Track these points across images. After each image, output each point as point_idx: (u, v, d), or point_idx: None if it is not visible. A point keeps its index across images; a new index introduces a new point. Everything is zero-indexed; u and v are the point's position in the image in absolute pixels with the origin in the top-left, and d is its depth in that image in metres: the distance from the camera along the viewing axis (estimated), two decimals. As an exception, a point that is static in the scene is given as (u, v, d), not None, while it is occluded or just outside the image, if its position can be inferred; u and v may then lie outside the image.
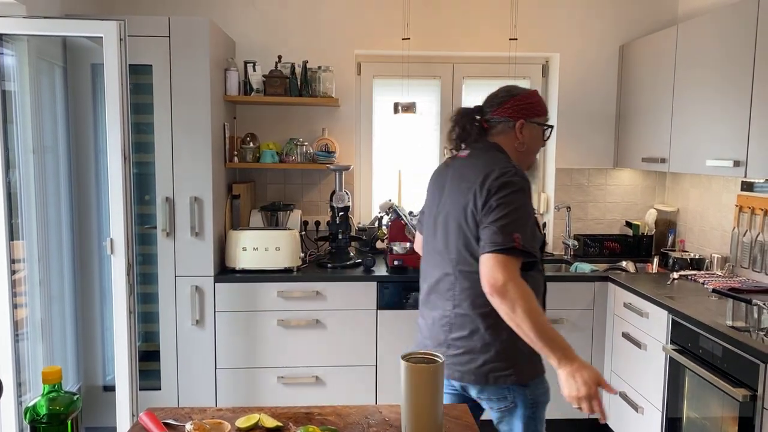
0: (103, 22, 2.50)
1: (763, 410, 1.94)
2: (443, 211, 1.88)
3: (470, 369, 1.80)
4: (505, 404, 1.83)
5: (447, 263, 1.84)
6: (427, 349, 1.87)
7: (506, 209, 1.70)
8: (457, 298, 1.81)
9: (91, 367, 3.19)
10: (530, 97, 1.93)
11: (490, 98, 1.98)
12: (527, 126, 1.90)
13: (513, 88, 1.96)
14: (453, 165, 1.94)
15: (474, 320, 1.79)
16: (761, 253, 2.78)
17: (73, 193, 3.08)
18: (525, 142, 1.90)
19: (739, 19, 2.49)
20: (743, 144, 2.45)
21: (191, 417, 1.50)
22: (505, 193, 1.71)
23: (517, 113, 1.90)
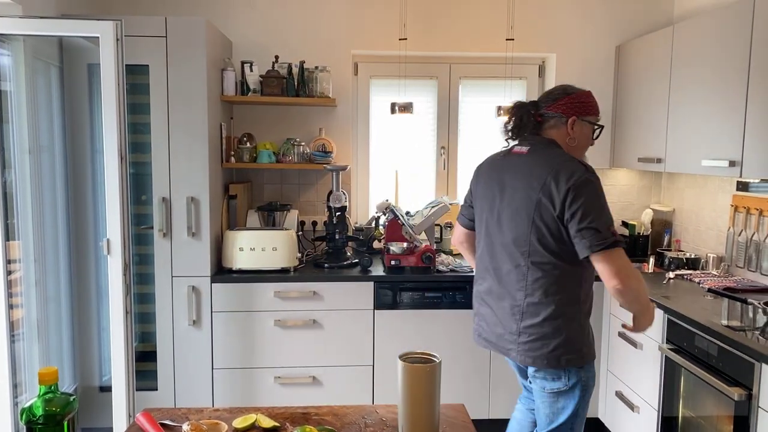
0: (100, 22, 2.49)
1: (759, 409, 1.95)
2: (510, 206, 1.98)
3: (543, 354, 1.94)
4: (559, 385, 1.98)
5: (518, 256, 1.96)
6: (497, 336, 2.05)
7: (595, 209, 1.84)
8: (529, 288, 1.95)
9: (87, 367, 3.19)
10: (584, 97, 2.05)
11: (546, 94, 2.09)
12: (578, 123, 2.03)
13: (569, 87, 2.08)
14: (512, 160, 2.05)
15: (546, 308, 1.93)
16: (756, 253, 2.79)
17: (70, 194, 3.08)
18: (576, 137, 2.03)
19: (734, 19, 2.50)
20: (739, 144, 2.46)
21: (188, 417, 1.50)
22: (588, 193, 1.85)
23: (570, 110, 2.02)
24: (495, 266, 2.05)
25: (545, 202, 1.89)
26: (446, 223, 3.53)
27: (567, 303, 1.93)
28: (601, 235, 1.82)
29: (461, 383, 3.12)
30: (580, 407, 2.01)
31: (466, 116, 3.75)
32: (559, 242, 1.90)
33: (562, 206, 1.86)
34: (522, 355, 1.98)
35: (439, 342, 3.07)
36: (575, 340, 1.95)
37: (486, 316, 2.10)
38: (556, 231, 1.89)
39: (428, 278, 3.06)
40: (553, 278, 1.92)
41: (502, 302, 2.02)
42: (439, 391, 1.38)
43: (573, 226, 1.85)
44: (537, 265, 1.93)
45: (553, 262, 1.91)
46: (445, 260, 3.24)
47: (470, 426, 1.49)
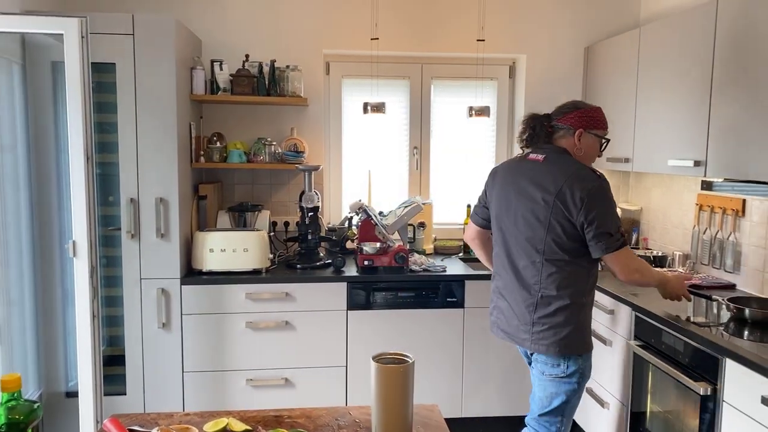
0: (64, 19, 2.43)
1: (723, 403, 2.00)
2: (527, 208, 2.18)
3: (554, 341, 2.15)
4: (557, 371, 2.18)
5: (534, 253, 2.17)
6: (514, 328, 2.24)
7: (608, 215, 2.10)
8: (544, 282, 2.15)
9: (52, 372, 3.11)
10: (592, 112, 2.24)
11: (559, 108, 2.29)
12: (585, 135, 2.22)
13: (579, 103, 2.28)
14: (528, 165, 2.24)
15: (558, 300, 2.14)
16: (720, 251, 2.86)
17: (33, 194, 3.00)
18: (582, 148, 2.23)
19: (698, 22, 2.55)
20: (703, 144, 2.52)
21: (157, 423, 1.47)
22: (600, 201, 2.09)
23: (578, 123, 2.22)
24: (512, 263, 2.24)
25: (560, 206, 2.10)
26: (419, 222, 3.54)
27: (576, 295, 2.14)
28: (613, 238, 2.08)
29: (435, 383, 3.13)
30: (573, 396, 2.20)
31: (438, 116, 3.77)
32: (572, 241, 2.12)
33: (578, 212, 2.08)
34: (536, 344, 2.18)
35: (413, 342, 3.08)
36: (582, 329, 2.17)
37: (503, 309, 2.29)
38: (570, 232, 2.11)
39: (401, 278, 3.06)
40: (565, 273, 2.13)
41: (518, 296, 2.22)
42: (413, 391, 1.39)
43: (590, 232, 2.09)
44: (551, 261, 2.14)
45: (566, 259, 2.13)
46: (418, 260, 3.25)
47: (443, 426, 1.50)
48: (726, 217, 2.84)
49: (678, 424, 2.28)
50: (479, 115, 3.44)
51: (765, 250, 2.63)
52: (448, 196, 3.82)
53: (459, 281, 3.08)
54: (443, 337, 3.11)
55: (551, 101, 3.58)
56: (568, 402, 2.21)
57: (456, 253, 3.61)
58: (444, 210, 3.81)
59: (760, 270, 2.65)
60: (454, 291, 3.08)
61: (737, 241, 2.78)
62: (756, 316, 2.23)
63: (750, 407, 1.87)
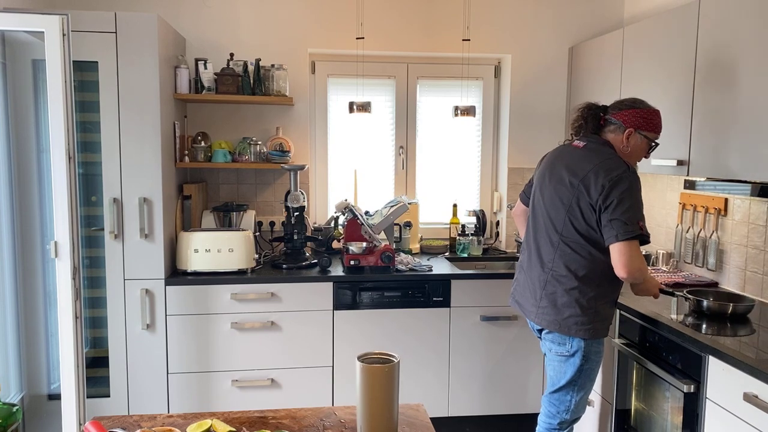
0: (45, 17, 2.40)
1: (706, 400, 2.02)
2: (555, 189, 2.25)
3: (556, 319, 2.23)
4: (562, 350, 2.26)
5: (553, 233, 2.25)
6: (525, 300, 2.36)
7: (628, 203, 2.08)
8: (556, 262, 2.23)
9: (35, 374, 3.06)
10: (648, 114, 2.23)
11: (617, 102, 2.31)
12: (634, 135, 2.23)
13: (638, 102, 2.27)
14: (568, 150, 2.32)
15: (566, 281, 2.21)
16: (703, 249, 2.89)
17: (14, 194, 2.95)
18: (630, 146, 2.24)
19: (681, 22, 2.58)
20: (686, 144, 2.54)
21: (140, 425, 1.46)
22: (622, 189, 2.08)
23: (630, 122, 2.22)
24: (535, 240, 2.34)
25: (584, 190, 2.15)
26: (405, 222, 3.54)
27: (585, 280, 2.19)
28: (628, 227, 2.06)
29: (421, 382, 3.13)
30: (579, 376, 2.26)
31: (424, 116, 3.77)
32: (589, 226, 2.17)
33: (598, 196, 2.11)
34: (539, 318, 2.28)
35: (399, 341, 3.08)
36: (587, 315, 2.20)
37: (521, 281, 2.42)
38: (589, 216, 2.15)
39: (388, 278, 3.06)
40: (577, 257, 2.19)
41: (533, 271, 2.32)
42: (398, 391, 1.38)
43: (605, 216, 2.10)
44: (567, 243, 2.21)
45: (581, 243, 2.18)
46: (405, 259, 3.24)
47: (429, 425, 1.49)
48: (709, 215, 2.87)
49: (662, 422, 2.30)
50: (465, 115, 3.45)
51: (747, 249, 2.66)
52: (434, 196, 3.82)
53: (445, 281, 3.09)
54: (429, 336, 3.11)
55: (536, 101, 3.65)
56: (575, 382, 2.27)
57: (442, 253, 3.61)
58: (430, 209, 3.81)
59: (742, 268, 2.68)
60: (440, 290, 3.09)
61: (720, 240, 2.81)
62: (712, 308, 2.35)
63: (732, 404, 1.89)
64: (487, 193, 3.85)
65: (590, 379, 2.30)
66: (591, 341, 2.23)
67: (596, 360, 2.28)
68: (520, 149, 3.66)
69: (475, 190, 3.85)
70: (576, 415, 2.35)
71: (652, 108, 2.26)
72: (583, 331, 2.20)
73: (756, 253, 2.61)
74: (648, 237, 2.09)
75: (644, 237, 2.08)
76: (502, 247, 3.77)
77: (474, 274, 3.13)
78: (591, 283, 2.19)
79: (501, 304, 3.10)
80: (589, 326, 2.20)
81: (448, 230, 3.73)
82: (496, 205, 3.82)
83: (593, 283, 2.19)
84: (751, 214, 2.64)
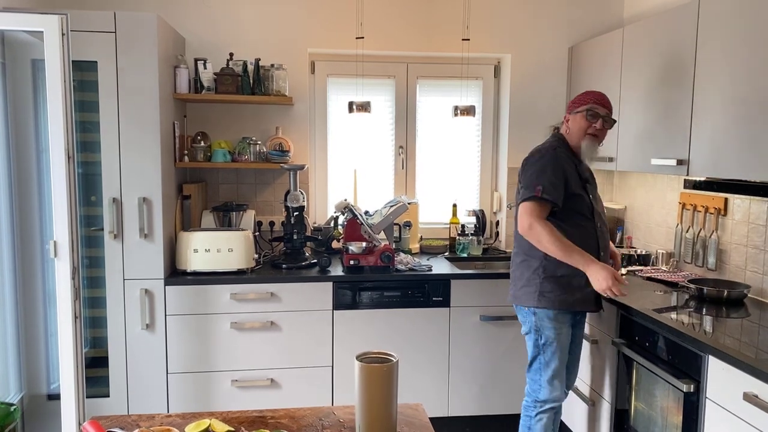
0: (44, 16, 2.39)
1: (706, 400, 2.01)
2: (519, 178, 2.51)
3: (514, 293, 2.50)
4: (524, 329, 2.51)
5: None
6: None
7: (530, 170, 2.36)
8: (516, 241, 2.52)
9: (34, 374, 3.06)
10: (577, 97, 2.50)
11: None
12: (570, 117, 2.49)
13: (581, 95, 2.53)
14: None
15: (517, 256, 2.49)
16: (703, 249, 2.88)
17: (14, 194, 2.95)
18: (569, 128, 2.49)
19: (681, 22, 2.57)
20: (686, 143, 2.54)
21: (138, 425, 1.46)
22: (531, 162, 2.39)
23: (567, 110, 2.53)
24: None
25: (520, 172, 2.45)
26: (405, 222, 3.54)
27: (529, 254, 2.42)
28: (526, 191, 2.32)
29: (420, 382, 3.13)
30: (538, 352, 2.45)
31: (423, 116, 3.76)
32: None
33: (520, 174, 2.43)
34: (509, 295, 2.55)
35: (399, 341, 3.07)
36: (532, 286, 2.41)
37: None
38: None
39: (387, 278, 3.06)
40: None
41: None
42: (397, 390, 1.38)
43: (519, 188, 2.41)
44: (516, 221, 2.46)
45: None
46: (404, 259, 3.24)
47: (428, 425, 1.49)
48: (708, 215, 2.87)
49: (662, 421, 2.30)
50: (464, 115, 3.45)
51: (746, 248, 2.65)
52: (433, 196, 3.82)
53: (445, 280, 3.08)
54: (429, 336, 3.11)
55: (536, 101, 3.64)
56: (538, 358, 2.45)
57: (442, 253, 3.61)
58: (430, 209, 3.81)
59: (742, 268, 2.67)
60: (440, 290, 3.08)
61: (719, 240, 2.80)
62: (712, 294, 2.50)
63: (732, 404, 1.89)
64: (487, 193, 3.85)
65: (554, 357, 2.42)
66: (542, 315, 2.40)
67: (551, 336, 2.41)
68: (520, 149, 3.65)
69: (474, 190, 3.85)
70: (551, 395, 2.45)
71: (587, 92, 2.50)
72: (529, 298, 2.41)
73: (756, 253, 2.60)
74: (548, 197, 2.28)
75: (537, 198, 2.28)
76: (502, 247, 3.76)
77: (474, 274, 3.13)
78: (535, 255, 2.40)
79: (501, 304, 3.10)
80: (535, 294, 2.39)
81: (447, 230, 3.73)
82: (495, 205, 3.82)
83: (537, 255, 2.39)
84: (751, 213, 2.63)
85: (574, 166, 2.45)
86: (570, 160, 2.44)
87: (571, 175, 2.39)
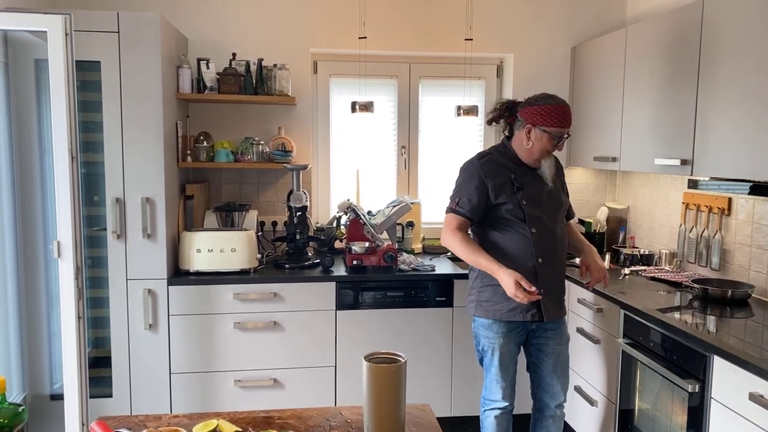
0: (47, 16, 2.39)
1: (711, 400, 2.01)
2: None
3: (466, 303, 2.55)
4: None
5: None
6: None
7: (457, 185, 2.45)
8: None
9: (37, 375, 3.06)
10: (548, 110, 2.32)
11: (526, 99, 2.42)
12: (535, 131, 2.34)
13: (543, 98, 2.37)
14: None
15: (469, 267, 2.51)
16: (706, 249, 2.88)
17: (17, 194, 2.95)
18: (532, 141, 2.36)
19: (684, 21, 2.57)
20: (689, 143, 2.54)
21: (146, 425, 1.45)
22: (460, 174, 2.46)
23: (531, 119, 2.34)
24: None
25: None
26: (407, 222, 3.53)
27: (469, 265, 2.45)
28: (449, 204, 2.43)
29: (424, 382, 3.12)
30: (480, 356, 2.50)
31: (426, 116, 3.76)
32: None
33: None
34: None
35: (402, 341, 3.07)
36: (471, 294, 2.48)
37: None
38: None
39: (390, 278, 3.06)
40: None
41: None
42: (405, 391, 1.38)
43: None
44: None
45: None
46: (407, 259, 3.24)
47: (436, 425, 1.49)
48: (712, 215, 2.87)
49: (666, 422, 2.29)
50: (467, 115, 3.44)
51: (750, 248, 2.65)
52: (436, 196, 3.81)
53: (448, 280, 3.08)
54: (432, 336, 3.10)
55: (539, 100, 3.64)
56: (481, 361, 2.51)
57: (444, 253, 3.61)
58: (432, 209, 3.80)
59: (746, 268, 2.67)
60: (443, 290, 3.08)
61: (723, 240, 2.80)
62: (716, 294, 2.50)
63: (738, 404, 1.89)
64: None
65: (491, 363, 2.44)
66: (479, 322, 2.44)
67: (486, 344, 2.43)
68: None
69: (477, 190, 3.84)
70: (491, 396, 2.48)
71: (557, 104, 2.34)
72: (470, 306, 2.48)
73: (760, 253, 2.60)
74: (460, 210, 2.37)
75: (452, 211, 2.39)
76: (505, 247, 3.76)
77: (477, 273, 3.13)
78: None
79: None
80: (473, 303, 2.45)
81: (450, 230, 3.72)
82: (498, 205, 3.81)
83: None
84: (755, 213, 2.63)
85: (509, 172, 2.38)
86: (504, 168, 2.39)
87: (497, 184, 2.35)
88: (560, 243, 2.46)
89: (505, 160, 2.42)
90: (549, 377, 2.49)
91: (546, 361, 2.48)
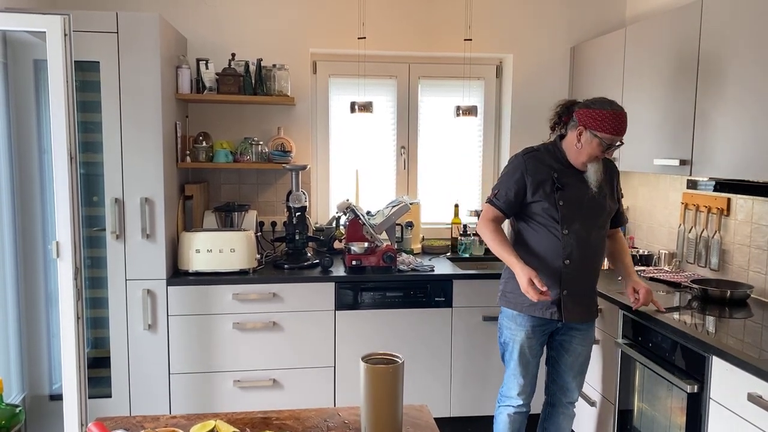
0: (46, 17, 2.39)
1: (710, 401, 2.01)
2: None
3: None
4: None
5: None
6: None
7: (499, 177, 2.48)
8: None
9: (36, 375, 3.06)
10: (603, 115, 2.25)
11: (585, 100, 2.37)
12: (585, 134, 2.30)
13: (600, 102, 2.31)
14: None
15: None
16: (705, 249, 2.88)
17: (16, 194, 2.95)
18: (581, 143, 2.32)
19: (683, 22, 2.57)
20: (688, 143, 2.54)
21: (143, 426, 1.45)
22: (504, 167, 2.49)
23: (584, 121, 2.29)
24: None
25: None
26: (407, 222, 3.53)
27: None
28: (489, 195, 2.47)
29: (423, 382, 3.12)
30: (501, 349, 2.53)
31: (425, 116, 3.76)
32: None
33: None
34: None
35: (401, 342, 3.07)
36: (501, 285, 2.53)
37: None
38: None
39: (389, 278, 3.06)
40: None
41: None
42: (402, 391, 1.38)
43: None
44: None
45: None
46: (406, 260, 3.24)
47: (433, 426, 1.49)
48: (711, 215, 2.86)
49: (665, 422, 2.29)
50: (466, 115, 3.45)
51: (749, 249, 2.65)
52: (435, 196, 3.81)
53: (447, 281, 3.08)
54: (431, 336, 3.10)
55: (538, 101, 3.64)
56: (502, 355, 2.54)
57: (444, 253, 3.61)
58: (432, 209, 3.80)
59: (745, 268, 2.67)
60: (442, 291, 3.08)
61: (722, 240, 2.80)
62: (715, 294, 2.51)
63: (736, 405, 1.89)
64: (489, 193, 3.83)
65: (511, 357, 2.47)
66: (504, 313, 2.49)
67: (508, 336, 2.47)
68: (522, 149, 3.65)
69: (476, 190, 3.84)
70: (508, 392, 2.50)
71: (613, 110, 2.24)
72: (499, 296, 2.53)
73: (759, 253, 2.60)
74: (496, 203, 2.41)
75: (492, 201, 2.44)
76: (504, 247, 3.76)
77: (476, 274, 3.13)
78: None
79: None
80: (500, 294, 2.51)
81: (449, 230, 3.72)
82: (497, 205, 3.81)
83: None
84: (754, 214, 2.63)
85: (552, 171, 2.36)
86: (548, 166, 2.37)
87: (537, 181, 2.34)
88: (593, 248, 2.39)
89: (551, 158, 2.39)
90: (566, 373, 2.52)
91: (565, 357, 2.50)
